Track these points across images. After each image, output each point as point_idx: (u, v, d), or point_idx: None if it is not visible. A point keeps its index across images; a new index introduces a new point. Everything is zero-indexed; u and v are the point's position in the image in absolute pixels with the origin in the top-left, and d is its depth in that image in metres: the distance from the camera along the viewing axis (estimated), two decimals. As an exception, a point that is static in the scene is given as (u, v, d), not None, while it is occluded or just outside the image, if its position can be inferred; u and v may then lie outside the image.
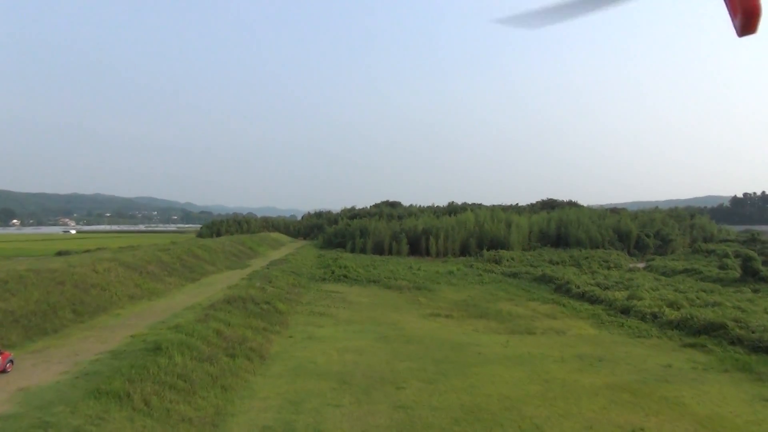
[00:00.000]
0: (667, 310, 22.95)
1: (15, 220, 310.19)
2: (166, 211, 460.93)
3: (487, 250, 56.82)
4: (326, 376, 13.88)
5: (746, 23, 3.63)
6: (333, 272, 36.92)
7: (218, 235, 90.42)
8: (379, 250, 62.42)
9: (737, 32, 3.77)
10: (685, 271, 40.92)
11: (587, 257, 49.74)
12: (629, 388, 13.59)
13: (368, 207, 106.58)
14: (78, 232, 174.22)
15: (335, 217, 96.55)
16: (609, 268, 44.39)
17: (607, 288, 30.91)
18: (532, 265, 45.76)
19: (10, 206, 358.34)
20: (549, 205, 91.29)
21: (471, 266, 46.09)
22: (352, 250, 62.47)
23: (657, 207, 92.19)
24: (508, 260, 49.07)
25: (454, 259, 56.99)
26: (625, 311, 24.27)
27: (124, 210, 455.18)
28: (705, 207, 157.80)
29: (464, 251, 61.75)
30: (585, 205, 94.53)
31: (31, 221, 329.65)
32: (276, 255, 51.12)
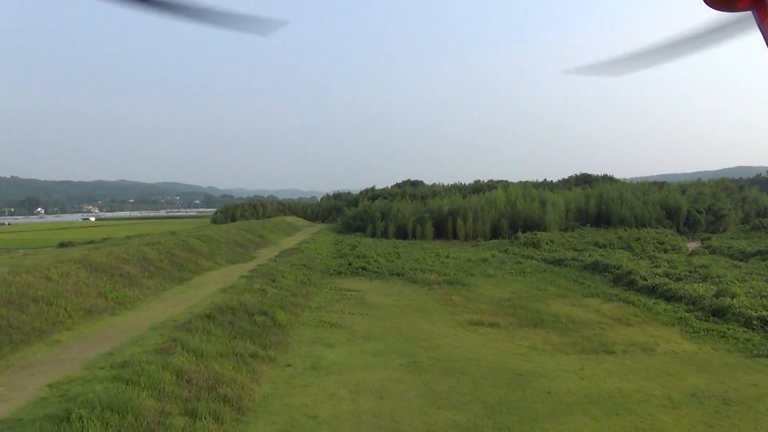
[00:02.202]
0: (778, 313, 17.69)
1: (39, 209, 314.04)
2: (189, 196, 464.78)
3: (522, 231, 51.44)
4: (330, 447, 9.16)
5: None
6: (350, 264, 32.18)
7: (233, 220, 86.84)
8: (402, 234, 57.50)
9: None
10: (759, 253, 35.11)
11: (638, 238, 43.89)
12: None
13: (389, 187, 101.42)
14: (98, 219, 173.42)
15: (355, 199, 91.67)
16: (666, 250, 38.78)
17: (679, 279, 25.59)
18: (576, 249, 40.41)
19: (36, 195, 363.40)
20: (583, 180, 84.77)
21: (506, 251, 40.94)
22: (373, 235, 57.66)
23: (699, 179, 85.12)
24: (547, 243, 43.71)
25: (485, 242, 51.82)
26: (718, 313, 19.00)
27: (147, 196, 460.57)
28: (740, 178, 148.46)
29: (495, 233, 56.49)
30: (619, 179, 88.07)
31: (56, 209, 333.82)
32: (289, 243, 46.63)
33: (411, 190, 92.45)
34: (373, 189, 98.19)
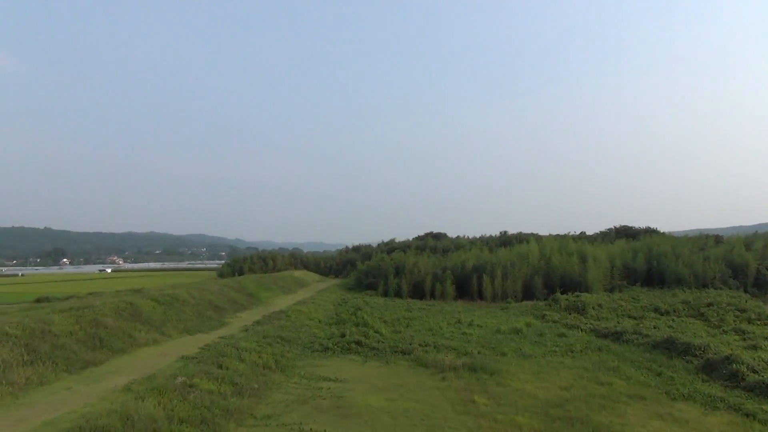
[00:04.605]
0: None
1: (65, 259, 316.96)
2: (215, 248, 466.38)
3: (561, 292, 43.53)
4: None
5: None
6: (343, 335, 24.93)
7: (240, 273, 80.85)
8: (419, 292, 49.95)
9: None
10: None
11: (710, 303, 35.38)
12: None
13: (410, 239, 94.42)
14: (115, 270, 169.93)
15: (371, 252, 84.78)
16: (750, 320, 30.51)
17: (806, 371, 17.67)
18: (632, 317, 32.39)
19: (64, 246, 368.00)
20: (625, 232, 76.19)
21: (544, 317, 33.15)
22: (385, 294, 50.24)
23: (756, 231, 75.71)
24: (594, 308, 35.58)
25: (517, 304, 43.88)
26: None
27: (173, 247, 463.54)
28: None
29: (528, 293, 48.53)
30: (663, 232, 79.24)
31: (81, 260, 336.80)
32: (283, 303, 39.62)
33: (432, 242, 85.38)
34: (391, 241, 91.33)
